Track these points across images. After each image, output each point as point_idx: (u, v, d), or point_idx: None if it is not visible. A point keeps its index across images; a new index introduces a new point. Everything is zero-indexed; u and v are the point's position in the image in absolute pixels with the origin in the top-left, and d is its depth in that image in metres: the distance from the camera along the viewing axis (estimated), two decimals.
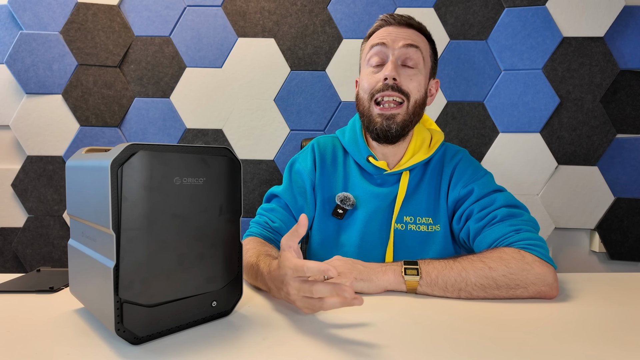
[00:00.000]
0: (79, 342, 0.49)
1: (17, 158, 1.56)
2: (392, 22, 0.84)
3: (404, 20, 0.84)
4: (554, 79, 1.49)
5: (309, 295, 0.52)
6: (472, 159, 0.88)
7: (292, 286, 0.54)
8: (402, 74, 0.81)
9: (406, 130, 0.84)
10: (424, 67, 0.84)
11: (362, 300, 0.49)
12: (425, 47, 0.85)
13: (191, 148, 0.50)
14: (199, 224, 0.51)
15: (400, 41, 0.81)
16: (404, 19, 0.84)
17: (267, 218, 0.87)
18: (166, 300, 0.49)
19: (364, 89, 0.85)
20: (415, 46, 0.82)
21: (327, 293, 0.51)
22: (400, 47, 0.81)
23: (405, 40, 0.81)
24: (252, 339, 0.50)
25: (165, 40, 1.52)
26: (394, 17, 0.84)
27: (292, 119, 1.55)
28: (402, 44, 0.81)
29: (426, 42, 0.86)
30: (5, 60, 1.49)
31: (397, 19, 0.84)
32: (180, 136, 1.55)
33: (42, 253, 1.55)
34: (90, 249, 0.52)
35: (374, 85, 0.82)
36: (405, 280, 0.66)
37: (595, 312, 0.60)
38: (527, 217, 0.75)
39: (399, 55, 0.81)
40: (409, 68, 0.82)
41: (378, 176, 0.87)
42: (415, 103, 0.82)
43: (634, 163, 1.49)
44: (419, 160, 0.85)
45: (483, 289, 0.64)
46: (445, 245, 0.85)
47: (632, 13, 1.46)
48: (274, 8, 1.52)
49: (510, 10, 1.49)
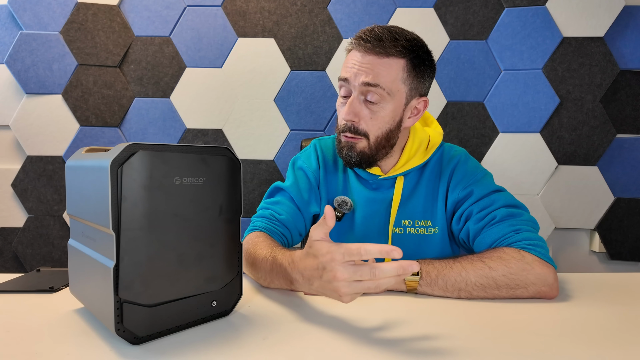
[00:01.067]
0: (79, 342, 0.49)
1: (17, 158, 1.56)
2: (359, 49, 0.77)
3: (369, 47, 0.75)
4: (554, 79, 1.49)
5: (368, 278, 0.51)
6: (471, 160, 0.88)
7: (342, 271, 0.52)
8: (363, 111, 0.78)
9: (370, 162, 0.83)
10: (392, 97, 0.77)
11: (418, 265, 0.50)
12: (396, 72, 0.76)
13: (191, 148, 0.50)
14: (199, 224, 0.51)
15: (360, 77, 0.76)
16: (369, 46, 0.75)
17: (272, 211, 0.85)
18: (166, 300, 0.49)
19: (338, 119, 0.85)
20: (374, 85, 0.75)
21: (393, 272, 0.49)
22: (360, 84, 0.76)
23: (365, 78, 0.75)
24: (252, 339, 0.49)
25: (165, 40, 1.52)
26: (360, 43, 0.76)
27: (292, 119, 1.55)
28: (361, 81, 0.75)
29: (400, 61, 0.76)
30: (5, 60, 1.49)
31: (362, 46, 0.76)
32: (180, 136, 1.55)
33: (42, 253, 1.55)
34: (90, 249, 0.52)
35: (340, 121, 0.82)
36: (405, 280, 0.66)
37: (595, 312, 0.60)
38: (527, 217, 0.75)
39: (361, 91, 0.77)
40: (371, 103, 0.77)
41: (373, 181, 0.86)
42: (377, 139, 0.80)
43: (634, 163, 1.49)
44: (413, 165, 0.84)
45: (483, 288, 0.64)
46: (443, 247, 0.85)
47: (632, 13, 1.46)
48: (274, 8, 1.52)
49: (510, 10, 1.49)
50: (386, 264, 0.50)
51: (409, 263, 0.49)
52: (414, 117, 0.84)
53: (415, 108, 0.83)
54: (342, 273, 0.52)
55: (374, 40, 0.75)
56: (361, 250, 0.50)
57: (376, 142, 0.80)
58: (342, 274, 0.52)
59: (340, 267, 0.52)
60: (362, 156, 0.81)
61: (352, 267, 0.52)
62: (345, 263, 0.52)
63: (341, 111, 0.81)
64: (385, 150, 0.82)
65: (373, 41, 0.75)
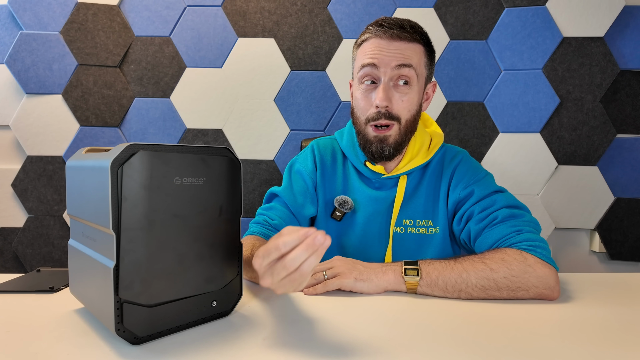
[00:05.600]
0: (79, 342, 0.49)
1: (17, 158, 1.56)
2: (383, 36, 0.78)
3: (395, 33, 0.77)
4: (554, 79, 1.49)
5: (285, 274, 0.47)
6: (472, 160, 0.88)
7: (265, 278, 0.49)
8: (394, 96, 0.79)
9: (399, 150, 0.83)
10: (418, 81, 0.80)
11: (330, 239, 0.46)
12: (420, 56, 0.80)
13: (191, 148, 0.50)
14: (199, 224, 0.51)
15: (392, 62, 0.77)
16: (396, 33, 0.77)
17: (266, 216, 0.86)
18: (166, 300, 0.49)
19: (359, 109, 0.83)
20: (409, 65, 0.77)
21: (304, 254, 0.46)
22: (393, 68, 0.77)
23: (398, 61, 0.77)
24: (252, 339, 0.49)
25: (165, 40, 1.52)
26: (385, 30, 0.78)
27: (292, 119, 1.55)
28: (395, 64, 0.77)
29: (421, 47, 0.80)
30: (5, 60, 1.49)
31: (388, 33, 0.77)
32: (180, 136, 1.55)
33: (42, 253, 1.55)
34: (90, 249, 0.52)
35: (368, 110, 0.81)
36: (405, 280, 0.66)
37: (595, 313, 0.60)
38: (528, 217, 0.75)
39: (392, 76, 0.78)
40: (402, 86, 0.79)
41: (376, 180, 0.87)
42: (406, 123, 0.81)
43: (634, 163, 1.49)
44: (416, 165, 0.85)
45: (484, 290, 0.64)
46: (444, 247, 0.85)
47: (632, 13, 1.46)
48: (274, 8, 1.52)
49: (510, 10, 1.49)
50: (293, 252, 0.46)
51: (313, 237, 0.45)
52: (426, 101, 0.87)
53: (427, 93, 0.86)
54: (264, 280, 0.49)
55: (396, 27, 0.78)
56: (279, 244, 0.47)
57: (406, 125, 0.81)
58: (265, 281, 0.49)
59: (264, 274, 0.49)
60: (395, 145, 0.82)
61: (270, 270, 0.48)
62: (267, 266, 0.48)
63: (365, 100, 0.81)
64: (410, 135, 0.84)
65: (397, 28, 0.78)
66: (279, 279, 0.48)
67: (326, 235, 0.46)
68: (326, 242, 0.46)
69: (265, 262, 0.48)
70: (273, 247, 0.47)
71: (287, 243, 0.47)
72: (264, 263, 0.48)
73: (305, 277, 0.48)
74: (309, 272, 0.47)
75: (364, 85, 0.81)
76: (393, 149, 0.82)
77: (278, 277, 0.47)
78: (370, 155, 0.84)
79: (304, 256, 0.46)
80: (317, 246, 0.46)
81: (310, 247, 0.46)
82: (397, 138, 0.81)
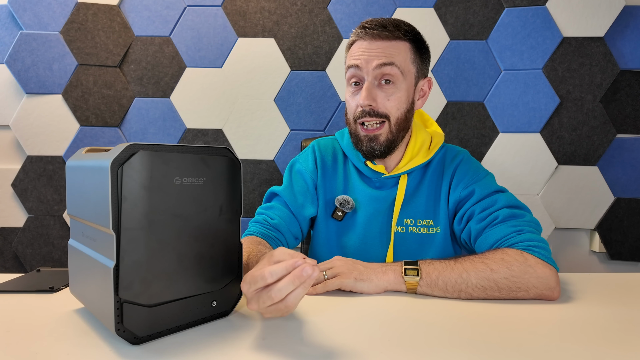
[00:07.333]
0: (79, 342, 0.49)
1: (17, 158, 1.56)
2: (365, 37, 0.79)
3: (376, 34, 0.78)
4: (554, 79, 1.49)
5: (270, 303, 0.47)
6: (473, 160, 0.88)
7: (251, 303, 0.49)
8: (379, 95, 0.79)
9: (391, 148, 0.83)
10: (405, 78, 0.80)
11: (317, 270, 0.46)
12: (405, 53, 0.80)
13: (191, 148, 0.50)
14: (199, 224, 0.51)
15: (373, 61, 0.78)
16: (376, 32, 0.78)
17: (265, 216, 0.86)
18: (166, 300, 0.49)
19: (349, 109, 0.85)
20: (390, 63, 0.78)
21: (289, 287, 0.45)
22: (374, 67, 0.78)
23: (379, 60, 0.77)
24: (252, 339, 0.49)
25: (165, 40, 1.52)
26: (367, 31, 0.79)
27: (292, 119, 1.55)
28: (376, 64, 0.77)
29: (406, 44, 0.80)
30: (5, 60, 1.49)
31: (369, 33, 0.79)
32: (180, 136, 1.55)
33: (42, 253, 1.55)
34: (90, 249, 0.52)
35: (355, 110, 0.82)
36: (405, 280, 0.66)
37: (595, 313, 0.60)
38: (529, 218, 0.75)
39: (375, 76, 0.79)
40: (386, 85, 0.79)
41: (376, 179, 0.87)
42: (397, 121, 0.81)
43: (634, 163, 1.49)
44: (417, 164, 0.85)
45: (484, 290, 0.64)
46: (445, 247, 0.85)
47: (632, 13, 1.46)
48: (274, 8, 1.52)
49: (510, 10, 1.49)
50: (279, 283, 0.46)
51: (301, 269, 0.45)
52: (422, 98, 0.87)
53: (422, 89, 0.86)
54: (251, 305, 0.49)
55: (378, 27, 0.79)
56: (265, 273, 0.47)
57: (397, 123, 0.81)
58: (251, 306, 0.49)
59: (250, 299, 0.49)
60: (386, 144, 0.82)
61: (256, 296, 0.48)
62: (254, 292, 0.49)
63: (353, 100, 0.83)
64: (403, 132, 0.84)
65: (378, 28, 0.79)
66: (264, 306, 0.48)
67: (314, 266, 0.46)
68: (314, 274, 0.45)
69: (252, 288, 0.48)
70: (259, 276, 0.47)
71: (273, 273, 0.46)
72: (250, 289, 0.48)
73: (291, 308, 0.48)
74: (295, 304, 0.48)
75: (351, 87, 0.83)
76: (384, 147, 0.82)
77: (263, 305, 0.48)
78: (363, 154, 0.85)
79: (290, 288, 0.46)
80: (305, 278, 0.45)
81: (298, 279, 0.45)
82: (388, 136, 0.82)
